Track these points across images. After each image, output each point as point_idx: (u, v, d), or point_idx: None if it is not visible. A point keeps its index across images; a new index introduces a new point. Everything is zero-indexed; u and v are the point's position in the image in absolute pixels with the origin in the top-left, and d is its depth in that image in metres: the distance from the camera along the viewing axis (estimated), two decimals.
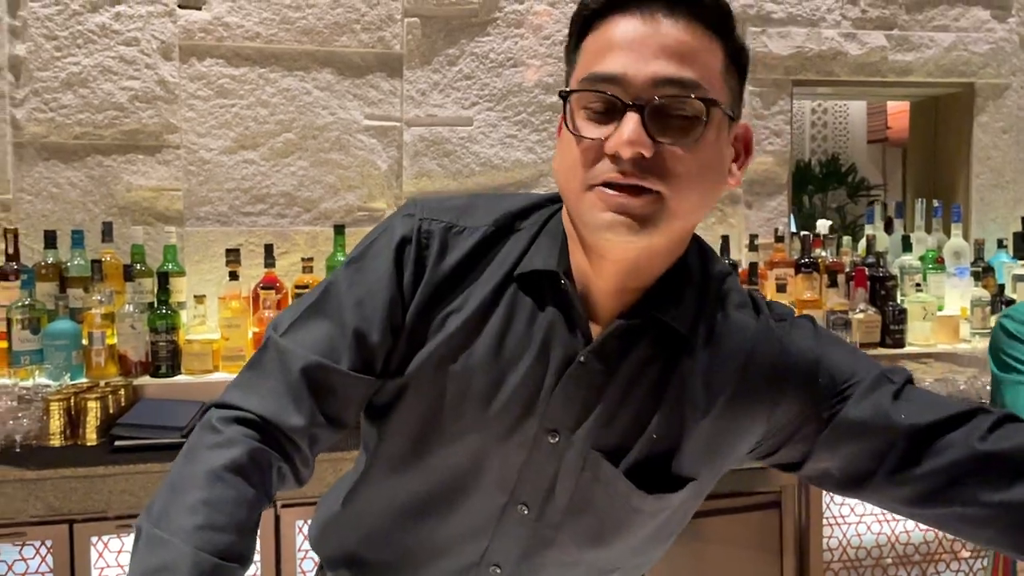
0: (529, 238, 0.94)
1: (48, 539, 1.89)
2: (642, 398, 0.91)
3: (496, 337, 0.91)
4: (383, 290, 0.91)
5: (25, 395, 2.07)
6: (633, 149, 0.79)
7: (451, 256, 0.92)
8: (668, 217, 0.82)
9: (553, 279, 0.91)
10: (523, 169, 2.79)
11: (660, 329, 0.90)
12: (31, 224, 2.48)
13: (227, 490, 0.81)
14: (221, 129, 2.60)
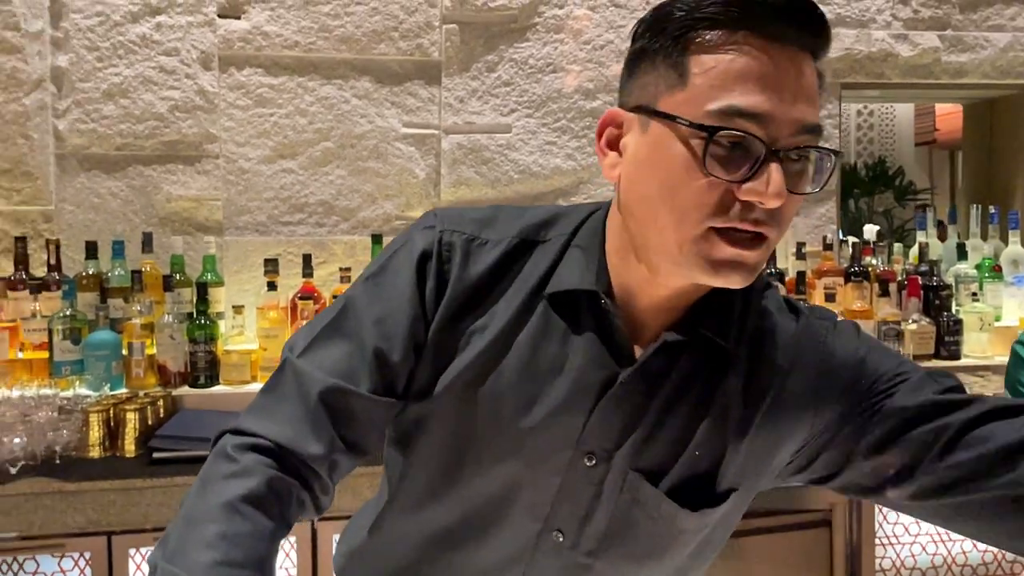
0: (558, 250, 0.89)
1: (87, 551, 1.89)
2: (684, 416, 0.87)
3: (527, 356, 0.86)
4: (404, 307, 0.87)
5: (66, 405, 2.08)
6: (779, 201, 0.74)
7: (474, 269, 0.88)
8: (766, 260, 0.79)
9: (592, 297, 0.86)
10: (562, 176, 2.74)
11: (703, 344, 0.87)
12: (72, 234, 2.49)
13: (244, 523, 0.76)
14: (260, 138, 2.60)
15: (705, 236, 0.76)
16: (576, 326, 0.87)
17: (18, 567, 1.88)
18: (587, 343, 0.86)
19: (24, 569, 1.88)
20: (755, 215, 0.75)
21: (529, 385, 0.86)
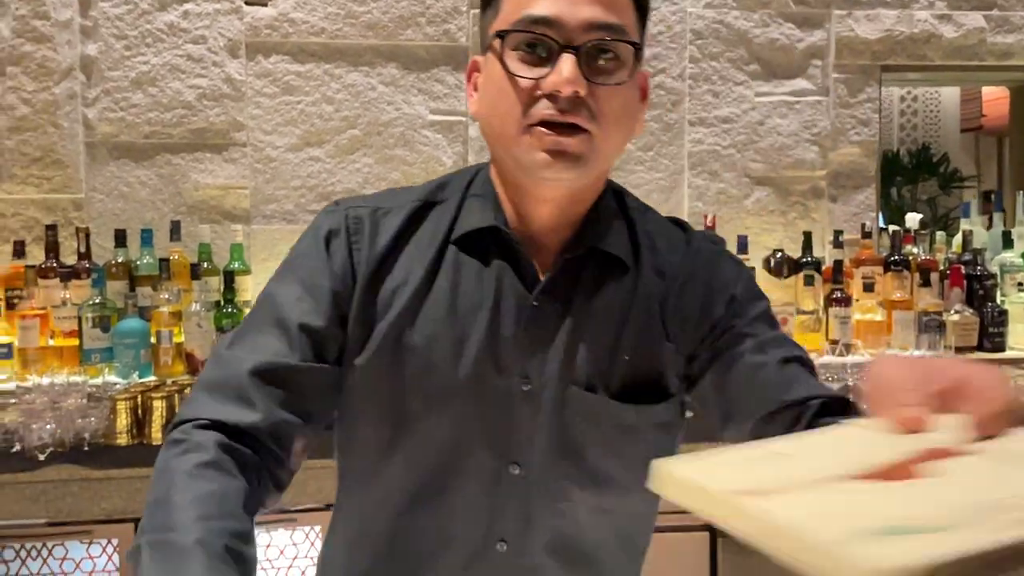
0: (457, 203, 0.98)
1: (115, 537, 1.91)
2: (601, 327, 0.95)
3: (447, 301, 0.94)
4: (321, 282, 0.93)
5: (95, 393, 2.09)
6: (571, 88, 0.84)
7: (383, 235, 0.96)
8: (596, 155, 0.88)
9: (493, 233, 0.95)
10: None
11: (601, 259, 0.96)
12: (102, 223, 2.50)
13: (209, 484, 0.79)
14: (287, 126, 2.59)
15: (526, 133, 0.87)
16: (486, 263, 0.95)
17: (47, 553, 1.90)
18: (498, 275, 0.95)
19: (53, 555, 1.90)
20: (560, 105, 0.85)
21: (454, 327, 0.93)
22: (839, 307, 2.47)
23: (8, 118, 2.47)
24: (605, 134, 0.88)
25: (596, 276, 0.96)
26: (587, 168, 0.89)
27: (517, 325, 0.93)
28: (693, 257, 1.00)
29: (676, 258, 0.99)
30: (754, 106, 2.74)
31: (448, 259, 0.95)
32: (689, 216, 2.73)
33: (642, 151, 2.71)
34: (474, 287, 0.94)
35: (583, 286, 0.95)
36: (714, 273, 1.00)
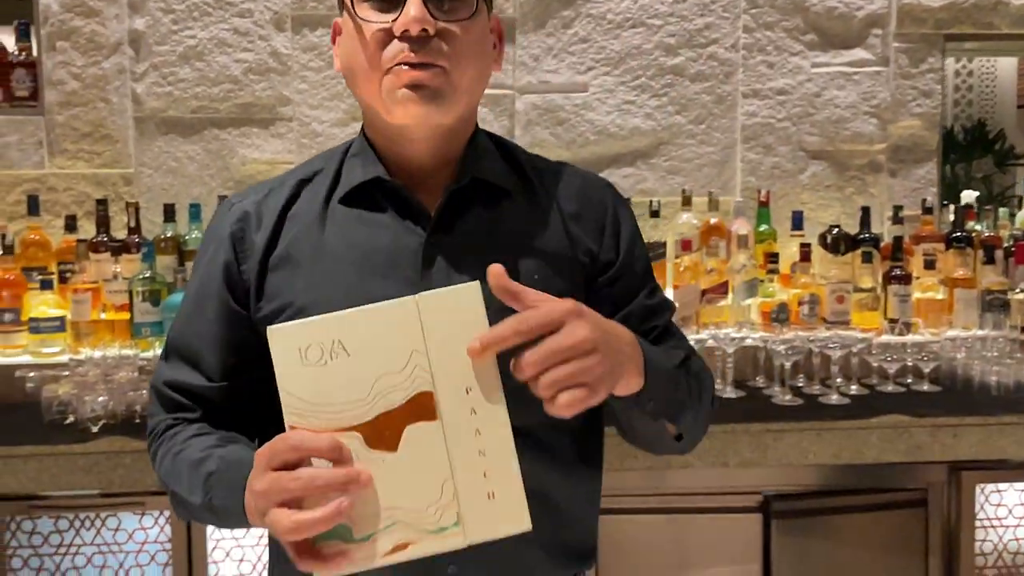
0: (335, 169, 1.04)
1: (166, 509, 1.91)
2: (499, 253, 0.95)
3: (340, 253, 0.99)
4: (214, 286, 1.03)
5: (146, 366, 2.09)
6: (419, 25, 0.91)
7: (267, 218, 1.02)
8: (453, 90, 0.95)
9: (378, 185, 1.00)
10: (641, 137, 2.63)
11: (485, 191, 1.02)
12: (151, 197, 2.51)
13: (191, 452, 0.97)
14: (333, 101, 2.56)
15: (386, 76, 0.93)
16: (375, 213, 1.01)
17: (100, 523, 1.91)
18: (389, 221, 1.00)
19: (106, 525, 1.91)
20: (413, 46, 0.92)
21: (352, 276, 0.98)
22: (899, 285, 2.40)
23: (58, 93, 2.48)
24: (460, 69, 0.94)
25: (484, 207, 1.02)
26: (447, 102, 0.95)
27: (416, 264, 0.98)
28: (591, 193, 1.08)
29: (572, 192, 1.07)
30: (810, 77, 2.65)
31: (335, 218, 1.01)
32: (741, 192, 2.66)
33: (693, 124, 2.64)
34: (366, 237, 0.99)
35: (473, 217, 1.01)
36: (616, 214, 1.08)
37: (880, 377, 2.26)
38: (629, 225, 1.11)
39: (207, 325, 1.03)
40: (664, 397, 0.95)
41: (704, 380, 1.07)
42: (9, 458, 1.82)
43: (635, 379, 0.88)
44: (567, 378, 0.77)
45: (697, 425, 1.05)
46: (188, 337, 1.04)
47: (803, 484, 2.02)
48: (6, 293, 2.23)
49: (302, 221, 1.02)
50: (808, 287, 2.37)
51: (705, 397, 1.06)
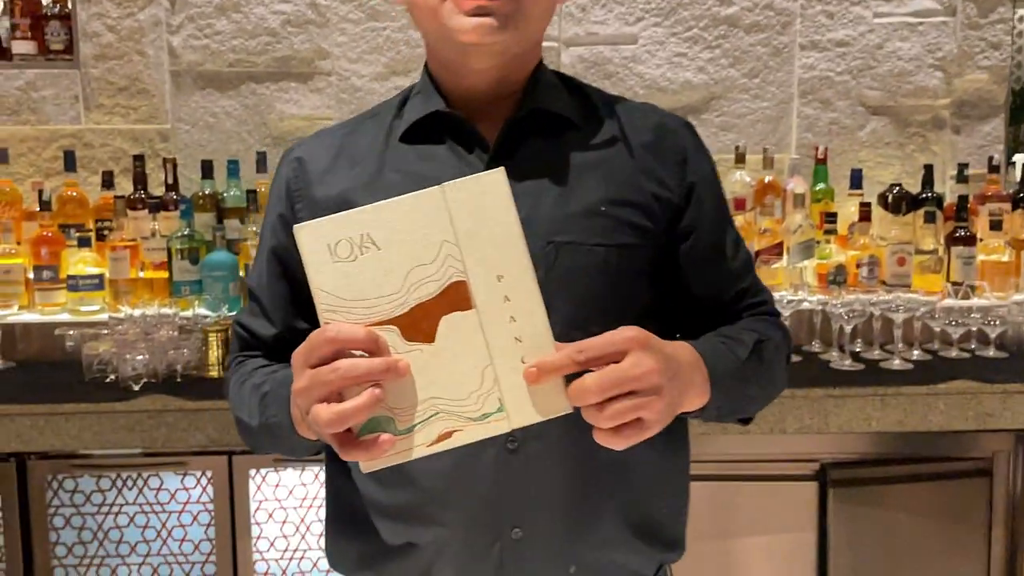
0: (394, 111, 1.02)
1: (208, 470, 1.88)
2: (562, 181, 0.96)
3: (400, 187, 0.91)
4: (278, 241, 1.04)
5: (186, 325, 2.06)
6: None
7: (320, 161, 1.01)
8: (523, 18, 0.91)
9: (438, 119, 0.98)
10: (692, 91, 2.53)
11: (547, 121, 0.98)
12: (189, 154, 2.46)
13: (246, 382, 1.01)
14: (372, 54, 2.48)
15: (447, 3, 0.90)
16: (435, 146, 0.98)
17: (143, 483, 1.89)
18: (448, 154, 0.97)
19: (148, 485, 1.89)
20: None
21: None
22: (962, 246, 2.31)
23: (94, 46, 2.42)
24: (526, 11, 0.90)
25: (546, 137, 0.98)
26: (516, 30, 0.91)
27: None
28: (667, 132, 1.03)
29: (645, 120, 1.02)
30: (872, 28, 2.52)
31: (394, 155, 0.99)
32: (797, 149, 2.55)
33: (747, 78, 2.53)
34: (426, 169, 0.96)
35: (534, 147, 0.98)
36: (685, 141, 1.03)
37: (943, 342, 2.17)
38: (708, 172, 1.04)
39: (268, 276, 1.04)
40: (730, 402, 0.94)
41: (778, 356, 1.03)
42: (51, 416, 1.80)
43: (698, 398, 0.87)
44: (629, 412, 0.76)
45: (766, 401, 1.04)
46: (255, 282, 1.07)
47: (859, 452, 1.95)
48: (44, 250, 2.20)
49: (359, 162, 1.00)
50: (867, 248, 2.28)
51: (779, 375, 1.03)
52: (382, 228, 0.76)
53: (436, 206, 0.76)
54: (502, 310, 0.76)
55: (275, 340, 1.04)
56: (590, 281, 0.94)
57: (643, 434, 0.77)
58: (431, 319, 0.76)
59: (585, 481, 0.96)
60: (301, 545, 1.91)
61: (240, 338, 1.08)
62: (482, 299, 0.76)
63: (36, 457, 1.85)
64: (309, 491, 1.91)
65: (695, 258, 1.02)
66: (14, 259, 2.20)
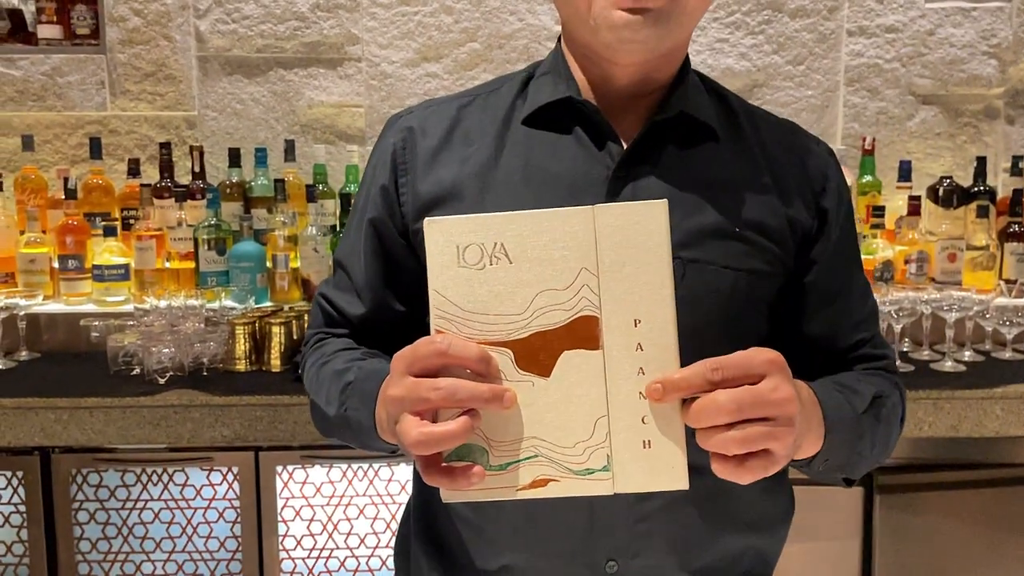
0: (518, 88, 0.94)
1: (235, 466, 1.85)
2: (697, 194, 0.89)
3: (519, 174, 0.89)
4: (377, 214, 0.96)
5: (212, 317, 2.02)
6: None
7: (431, 137, 0.94)
8: (680, 14, 0.83)
9: (567, 106, 0.90)
10: (735, 79, 2.44)
11: (688, 127, 0.91)
12: (216, 141, 2.42)
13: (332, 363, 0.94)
14: (403, 39, 2.42)
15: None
16: (561, 135, 0.90)
17: (168, 478, 1.85)
18: (576, 146, 0.90)
19: (174, 480, 1.86)
20: None
21: (529, 201, 0.87)
22: (1016, 242, 2.24)
23: (120, 30, 2.38)
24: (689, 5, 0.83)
25: (684, 144, 0.91)
26: (670, 26, 0.83)
27: (600, 194, 0.88)
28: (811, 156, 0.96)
29: (786, 139, 0.95)
30: (923, 13, 2.43)
31: (515, 139, 0.91)
32: (843, 139, 2.46)
33: (791, 64, 2.44)
34: (549, 160, 0.90)
35: (671, 153, 0.90)
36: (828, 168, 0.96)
37: (995, 343, 2.08)
38: (846, 205, 0.97)
39: (363, 249, 0.97)
40: (839, 456, 0.85)
41: (893, 417, 0.94)
42: (75, 409, 1.77)
43: (813, 444, 0.80)
44: (762, 439, 0.67)
45: (875, 463, 0.95)
46: (346, 254, 1.00)
47: (907, 457, 1.88)
48: (70, 239, 2.16)
49: (475, 141, 0.92)
50: (916, 244, 2.20)
51: (893, 438, 0.95)
52: (519, 239, 0.69)
53: (583, 228, 0.69)
54: (632, 359, 0.69)
55: (362, 321, 0.98)
56: (714, 304, 0.87)
57: (770, 468, 0.69)
58: (551, 351, 0.70)
59: (686, 515, 0.90)
60: (328, 544, 1.87)
61: (324, 312, 1.01)
62: (612, 341, 0.69)
63: (60, 451, 1.82)
64: (337, 488, 1.87)
65: (816, 294, 0.94)
66: (39, 248, 2.17)
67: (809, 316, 0.94)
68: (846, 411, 0.85)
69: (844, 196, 0.96)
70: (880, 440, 0.91)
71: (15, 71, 2.38)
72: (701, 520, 0.90)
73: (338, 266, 1.01)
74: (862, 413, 0.87)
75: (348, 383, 0.88)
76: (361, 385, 0.86)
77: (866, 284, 0.99)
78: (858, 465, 0.90)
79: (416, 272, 0.92)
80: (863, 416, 0.87)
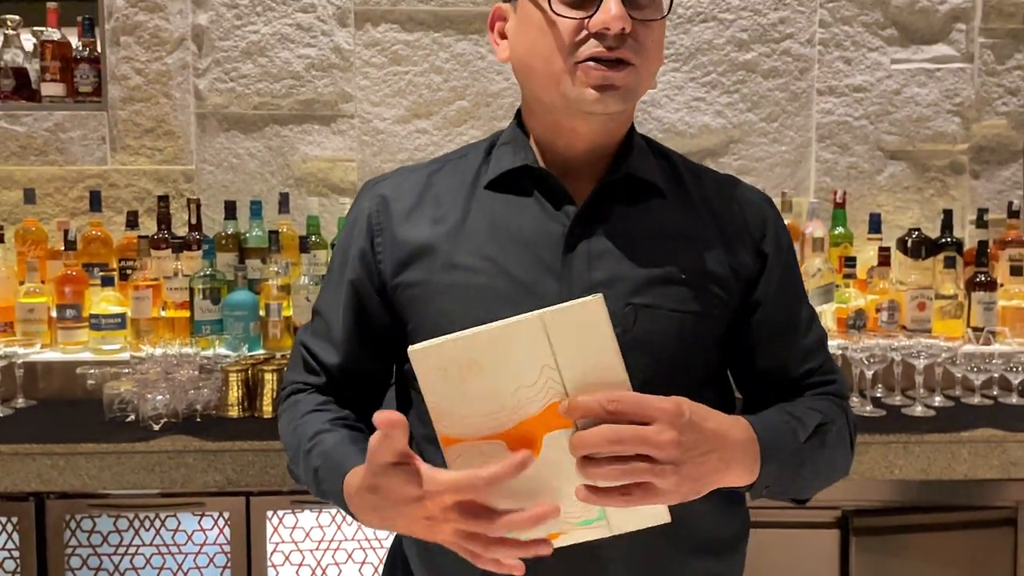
0: (481, 157, 1.04)
1: (226, 511, 1.88)
2: (644, 246, 0.97)
3: (484, 235, 0.98)
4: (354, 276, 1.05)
5: (206, 365, 2.07)
6: (620, 24, 0.90)
7: (405, 200, 1.03)
8: (639, 86, 0.95)
9: (526, 172, 1.00)
10: (710, 135, 2.55)
11: (635, 187, 1.00)
12: (212, 195, 2.50)
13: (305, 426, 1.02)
14: (395, 97, 2.52)
15: (573, 71, 0.92)
16: (521, 197, 1.00)
17: (160, 524, 1.88)
18: (535, 208, 0.99)
19: (166, 526, 1.89)
20: (608, 42, 0.91)
21: (494, 258, 0.97)
22: (983, 292, 2.30)
23: (122, 88, 2.47)
24: (647, 66, 0.95)
25: (632, 202, 1.00)
26: (631, 99, 0.95)
27: (557, 249, 0.97)
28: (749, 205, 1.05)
29: (727, 192, 1.05)
30: (890, 74, 2.54)
31: (480, 201, 1.00)
32: (816, 192, 2.56)
33: (765, 122, 2.55)
34: (511, 220, 0.98)
35: (620, 210, 1.00)
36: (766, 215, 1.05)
37: (964, 388, 2.15)
38: (786, 248, 1.06)
39: (342, 305, 1.05)
40: (782, 483, 0.94)
41: (840, 440, 1.02)
42: (71, 455, 1.81)
43: (744, 475, 0.88)
44: (639, 473, 0.78)
45: (825, 484, 1.03)
46: (325, 306, 1.08)
47: (882, 499, 1.93)
48: (68, 289, 2.22)
49: (445, 203, 1.02)
50: (887, 293, 2.27)
51: (840, 460, 1.03)
52: (486, 353, 0.79)
53: (536, 333, 0.78)
54: None
55: (338, 369, 1.05)
56: (665, 344, 0.96)
57: (651, 499, 0.80)
58: (534, 435, 0.80)
59: (645, 541, 0.96)
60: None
61: (302, 359, 1.08)
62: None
63: (55, 497, 1.85)
64: (326, 533, 1.90)
65: (764, 331, 1.03)
66: (38, 298, 2.23)
67: (759, 351, 1.03)
68: (787, 441, 0.93)
69: (783, 240, 1.06)
70: (825, 463, 0.98)
71: (19, 127, 2.46)
72: (661, 546, 0.96)
73: (317, 314, 1.09)
74: (804, 441, 0.94)
75: (316, 468, 0.97)
76: (328, 473, 0.95)
77: (811, 316, 1.07)
78: (804, 488, 0.98)
79: (389, 327, 1.02)
80: (805, 444, 0.94)
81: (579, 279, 0.96)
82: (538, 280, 0.96)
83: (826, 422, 0.98)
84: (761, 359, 1.03)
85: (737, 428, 0.87)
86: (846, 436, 1.03)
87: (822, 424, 0.97)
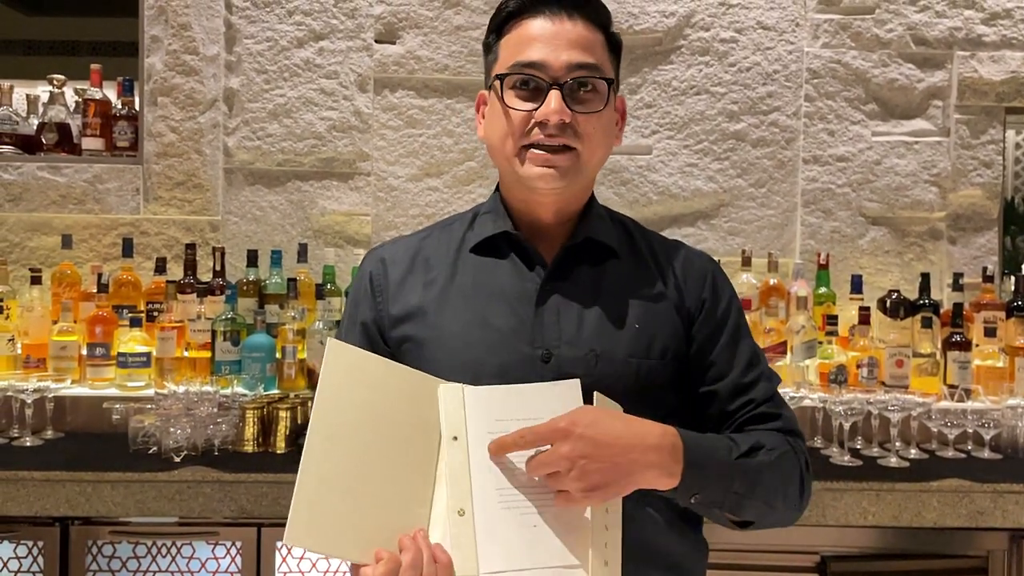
0: (466, 225, 1.21)
1: (238, 540, 1.98)
2: (603, 299, 1.14)
3: (469, 291, 1.15)
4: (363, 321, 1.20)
5: (225, 402, 2.20)
6: (558, 117, 1.09)
7: (399, 265, 1.20)
8: (582, 167, 1.13)
9: (505, 238, 1.17)
10: (703, 198, 2.72)
11: (596, 249, 1.18)
12: (236, 244, 2.66)
13: None
14: (408, 157, 2.70)
15: (521, 154, 1.12)
16: (500, 259, 1.17)
17: (176, 551, 1.99)
18: (512, 268, 1.16)
19: (181, 553, 1.99)
20: (550, 130, 1.09)
21: (478, 311, 1.13)
22: (958, 351, 2.41)
23: (157, 144, 2.66)
24: (589, 150, 1.12)
25: (594, 262, 1.17)
26: (574, 178, 1.12)
27: (531, 303, 1.13)
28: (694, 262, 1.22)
29: (674, 253, 1.22)
30: (871, 145, 2.71)
31: (465, 263, 1.18)
32: (801, 254, 2.71)
33: (754, 187, 2.72)
34: (492, 279, 1.15)
35: (583, 269, 1.16)
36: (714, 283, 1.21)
37: (939, 442, 2.26)
38: (727, 297, 1.22)
39: (354, 343, 1.19)
40: (710, 493, 1.05)
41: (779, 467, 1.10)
42: (97, 483, 1.93)
43: (662, 478, 1.01)
44: (555, 482, 0.97)
45: (775, 511, 1.11)
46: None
47: (860, 546, 2.01)
48: (99, 329, 2.38)
49: (434, 267, 1.19)
50: (867, 350, 2.39)
51: (777, 485, 1.10)
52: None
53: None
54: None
55: None
56: (623, 386, 1.09)
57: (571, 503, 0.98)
58: None
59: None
60: None
61: None
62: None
63: (80, 523, 1.96)
64: (332, 565, 2.01)
65: (701, 367, 1.17)
66: (70, 336, 2.38)
67: (699, 385, 1.17)
68: (718, 453, 1.05)
69: (724, 289, 1.22)
70: (764, 486, 1.07)
71: (60, 177, 2.65)
72: (623, 563, 1.05)
73: None
74: (736, 458, 1.06)
75: None
76: None
77: (753, 357, 1.19)
78: (740, 507, 1.07)
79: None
80: (737, 461, 1.05)
81: (549, 329, 1.12)
82: (515, 330, 1.12)
83: (761, 446, 1.09)
84: (701, 392, 1.17)
85: (654, 435, 1.00)
86: (794, 467, 1.12)
87: (757, 447, 1.08)
